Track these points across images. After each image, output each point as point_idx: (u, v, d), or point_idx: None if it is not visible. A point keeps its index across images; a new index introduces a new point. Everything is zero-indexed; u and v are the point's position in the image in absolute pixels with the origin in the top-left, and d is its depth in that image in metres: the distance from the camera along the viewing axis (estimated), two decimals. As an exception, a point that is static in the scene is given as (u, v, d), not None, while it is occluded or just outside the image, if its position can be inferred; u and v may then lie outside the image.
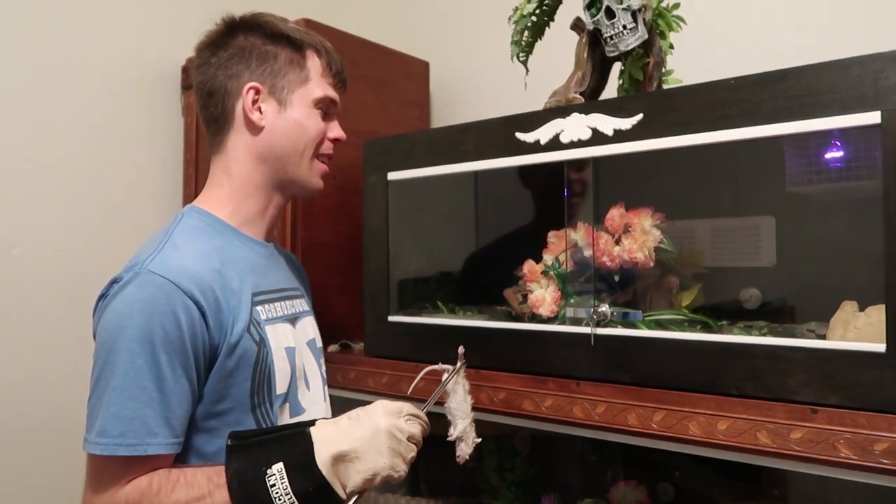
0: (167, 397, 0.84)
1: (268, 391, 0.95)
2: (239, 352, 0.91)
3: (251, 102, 1.01)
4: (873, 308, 0.90)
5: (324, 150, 1.09)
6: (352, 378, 1.35)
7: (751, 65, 1.01)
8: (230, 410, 0.91)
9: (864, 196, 0.94)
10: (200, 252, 0.94)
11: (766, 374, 0.92)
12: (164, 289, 0.86)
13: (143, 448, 0.83)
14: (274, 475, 0.80)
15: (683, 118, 1.00)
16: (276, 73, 1.02)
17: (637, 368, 1.03)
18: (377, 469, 0.83)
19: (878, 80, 0.85)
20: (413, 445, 0.87)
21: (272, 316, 0.99)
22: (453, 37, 2.00)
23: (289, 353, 0.99)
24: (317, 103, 1.06)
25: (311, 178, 1.07)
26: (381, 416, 0.85)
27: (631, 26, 1.11)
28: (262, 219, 1.05)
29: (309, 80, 1.05)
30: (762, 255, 1.21)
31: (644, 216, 1.10)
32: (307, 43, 1.07)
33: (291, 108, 1.03)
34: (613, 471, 1.34)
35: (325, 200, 1.61)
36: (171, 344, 0.85)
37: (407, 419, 0.87)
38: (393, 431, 0.84)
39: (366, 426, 0.84)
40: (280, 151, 1.02)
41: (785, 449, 0.87)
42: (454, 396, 1.00)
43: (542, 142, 1.13)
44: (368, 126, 1.69)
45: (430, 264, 1.51)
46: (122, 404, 0.83)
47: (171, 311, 0.85)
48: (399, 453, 0.84)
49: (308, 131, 1.04)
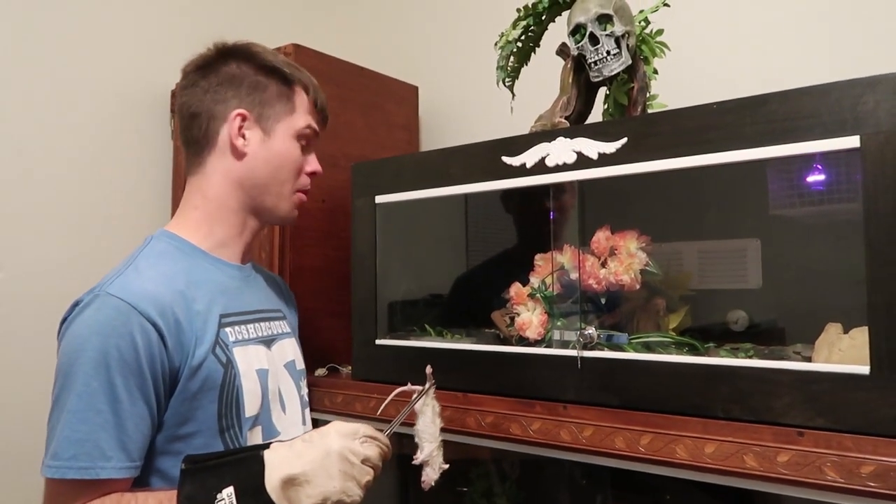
0: (122, 420, 0.84)
1: (236, 414, 0.93)
2: (203, 374, 0.91)
3: (237, 128, 1.02)
4: (857, 330, 0.91)
5: (300, 184, 1.11)
6: (339, 402, 1.34)
7: (734, 90, 1.02)
8: (196, 433, 0.90)
9: (846, 219, 0.95)
10: (163, 275, 0.94)
11: (753, 397, 0.92)
12: (121, 311, 0.86)
13: (95, 472, 0.82)
14: (223, 500, 0.78)
15: (667, 142, 1.01)
16: (265, 103, 1.04)
17: (624, 391, 1.03)
18: (327, 493, 0.80)
19: (856, 104, 0.86)
20: (369, 469, 0.84)
21: (242, 338, 0.98)
22: (442, 61, 2.03)
23: (260, 375, 0.98)
24: (300, 135, 1.08)
25: (289, 208, 1.10)
26: (334, 438, 0.83)
27: (615, 52, 1.13)
28: (236, 242, 1.05)
29: (294, 113, 1.08)
30: (748, 278, 1.22)
31: (630, 239, 1.10)
32: (297, 79, 1.10)
33: (275, 138, 1.05)
34: (603, 494, 1.33)
35: (314, 223, 1.61)
36: (128, 366, 0.85)
37: (363, 441, 0.84)
38: (345, 454, 0.81)
39: (317, 448, 0.82)
40: (259, 179, 1.04)
41: (772, 472, 0.87)
42: (422, 418, 0.97)
43: (527, 165, 1.14)
44: (357, 149, 1.70)
45: (418, 287, 1.51)
46: (74, 427, 0.83)
47: (127, 333, 0.85)
48: (352, 477, 0.81)
49: (287, 162, 1.07)
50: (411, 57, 2.08)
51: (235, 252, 1.05)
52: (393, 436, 0.93)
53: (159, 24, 1.82)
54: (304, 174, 1.11)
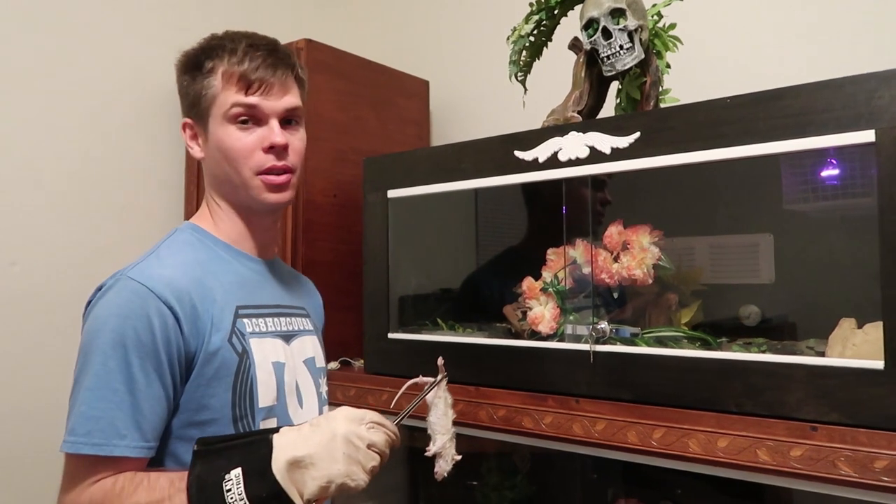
0: (138, 401, 0.85)
1: (250, 404, 0.94)
2: (218, 361, 0.91)
3: (189, 139, 1.03)
4: (871, 325, 0.90)
5: (256, 164, 0.98)
6: (352, 395, 1.35)
7: (747, 84, 1.02)
8: (211, 422, 0.91)
9: (861, 213, 0.95)
10: (183, 262, 0.95)
11: (766, 392, 0.92)
12: (140, 294, 0.88)
13: (109, 448, 0.83)
14: (231, 480, 0.79)
15: (680, 136, 1.01)
16: (195, 104, 1.00)
17: (637, 385, 1.03)
18: (331, 476, 0.79)
19: (871, 99, 0.86)
20: (375, 454, 0.83)
21: (259, 330, 0.99)
22: (453, 56, 2.03)
23: (276, 368, 0.99)
24: (227, 118, 0.97)
25: (258, 195, 0.99)
26: (341, 422, 0.82)
27: (628, 46, 1.13)
28: (248, 237, 1.04)
29: (218, 96, 0.98)
30: (761, 273, 1.21)
31: (642, 233, 1.10)
32: (208, 55, 0.99)
33: (211, 133, 0.99)
34: (614, 489, 1.33)
35: (326, 218, 1.62)
36: (144, 348, 0.86)
37: (369, 427, 0.83)
38: (350, 438, 0.81)
39: (323, 432, 0.82)
40: (219, 177, 1.01)
41: (785, 466, 0.87)
42: (434, 410, 0.96)
43: (540, 160, 1.14)
44: (368, 144, 1.70)
45: (430, 281, 1.52)
46: (90, 404, 0.85)
47: (144, 316, 0.87)
48: (357, 461, 0.81)
49: (229, 150, 0.98)
50: (423, 51, 2.08)
51: (253, 245, 1.06)
52: (403, 428, 0.93)
53: (173, 20, 1.82)
54: (261, 152, 0.98)
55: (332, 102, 1.66)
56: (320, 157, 1.61)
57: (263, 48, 0.99)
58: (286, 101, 1.00)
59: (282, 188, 1.00)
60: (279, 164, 0.98)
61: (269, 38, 1.03)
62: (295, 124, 1.02)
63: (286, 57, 1.01)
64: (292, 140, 1.00)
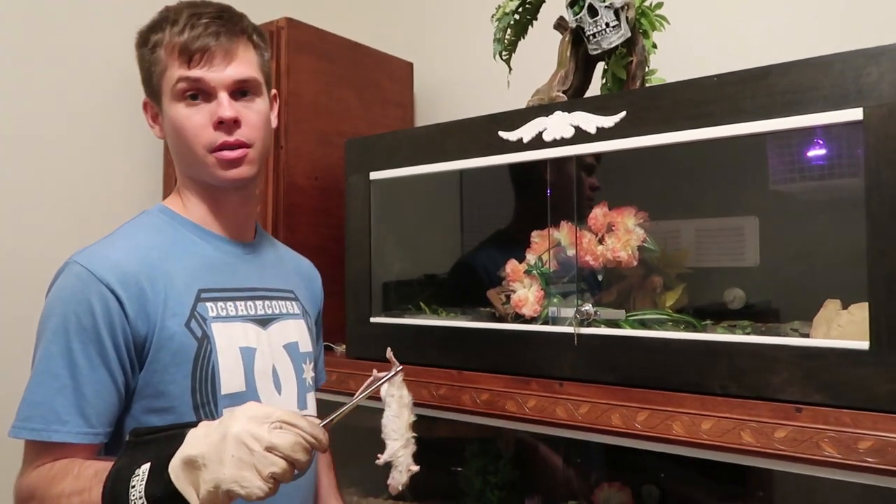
0: (80, 386, 0.83)
1: (212, 390, 0.91)
2: (174, 346, 0.89)
3: (151, 119, 1.00)
4: (856, 306, 0.90)
5: (207, 142, 0.93)
6: (334, 380, 1.33)
7: (735, 67, 1.00)
8: (170, 409, 0.88)
9: (847, 194, 0.94)
10: (138, 246, 0.92)
11: (750, 373, 0.91)
12: (82, 278, 0.86)
13: (48, 434, 0.82)
14: (137, 476, 0.74)
15: (666, 115, 0.99)
16: (147, 82, 0.97)
17: (620, 368, 1.02)
18: (218, 480, 0.70)
19: (859, 76, 0.85)
20: (276, 459, 0.71)
21: (226, 314, 0.95)
22: (437, 37, 2.00)
23: (244, 353, 0.95)
24: (175, 95, 0.93)
25: (213, 172, 0.95)
26: (238, 421, 0.73)
27: (614, 24, 1.11)
28: (218, 216, 1.00)
29: (165, 72, 0.93)
30: (746, 256, 1.21)
31: (627, 215, 1.09)
32: (153, 29, 0.95)
33: (165, 113, 0.96)
34: (598, 473, 1.33)
35: (307, 201, 1.59)
36: (85, 332, 0.84)
37: (274, 426, 0.72)
38: (243, 439, 0.71)
39: (218, 430, 0.73)
40: (177, 156, 0.98)
41: (769, 448, 0.86)
42: (387, 410, 0.85)
43: (524, 140, 1.12)
44: (351, 127, 1.68)
45: (413, 265, 1.50)
46: (32, 389, 0.84)
47: (85, 300, 0.85)
48: (250, 465, 0.70)
49: (179, 128, 0.93)
50: (406, 33, 2.05)
51: (226, 226, 1.02)
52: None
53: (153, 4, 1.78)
54: (211, 129, 0.93)
55: (315, 84, 1.62)
56: (302, 140, 1.58)
57: (207, 15, 0.92)
58: (234, 70, 0.93)
59: (236, 163, 0.94)
60: (231, 139, 0.93)
61: (217, 3, 0.96)
62: (250, 95, 0.95)
63: (233, 21, 0.94)
64: (246, 113, 0.94)
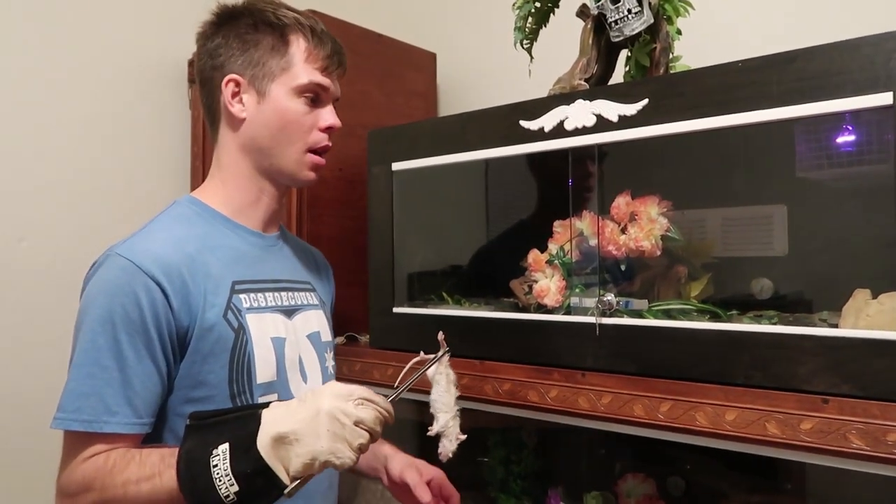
0: (129, 377, 0.85)
1: (247, 380, 0.94)
2: (213, 337, 0.91)
3: (231, 95, 1.00)
4: (886, 295, 0.88)
5: (312, 141, 1.03)
6: (357, 370, 1.34)
7: (760, 52, 0.98)
8: (209, 398, 0.91)
9: (877, 181, 0.91)
10: (175, 237, 0.94)
11: (775, 363, 0.90)
12: (127, 270, 0.88)
13: (100, 425, 0.84)
14: (218, 455, 0.78)
15: (690, 103, 0.98)
16: (256, 63, 1.00)
17: (643, 358, 1.01)
18: (315, 453, 0.77)
19: (889, 60, 0.82)
20: (362, 432, 0.79)
21: (258, 305, 0.98)
22: (460, 27, 1.99)
23: (276, 344, 0.98)
24: (299, 91, 1.01)
25: (300, 170, 1.03)
26: (327, 398, 0.80)
27: (636, 10, 1.09)
28: (255, 208, 1.04)
29: (291, 67, 1.00)
30: (774, 245, 1.18)
31: (651, 204, 1.08)
32: (290, 27, 1.02)
33: (271, 99, 1.00)
34: (621, 464, 1.32)
35: (331, 192, 1.60)
36: (132, 324, 0.86)
37: (357, 403, 0.80)
38: (335, 414, 0.78)
39: (309, 408, 0.80)
40: (262, 143, 1.00)
41: (795, 440, 0.85)
42: (436, 387, 0.94)
43: (546, 129, 1.12)
44: (374, 118, 1.68)
45: (436, 255, 1.50)
46: (79, 381, 0.85)
47: (131, 293, 0.86)
48: (342, 438, 0.78)
49: (288, 123, 1.00)
50: (429, 23, 2.04)
51: (257, 219, 1.04)
52: (410, 403, 0.92)
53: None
54: (318, 130, 1.03)
55: (338, 75, 1.63)
56: (325, 131, 1.58)
57: (329, 35, 1.06)
58: (338, 87, 1.07)
59: (320, 168, 1.06)
60: (329, 144, 1.05)
61: None
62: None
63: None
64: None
